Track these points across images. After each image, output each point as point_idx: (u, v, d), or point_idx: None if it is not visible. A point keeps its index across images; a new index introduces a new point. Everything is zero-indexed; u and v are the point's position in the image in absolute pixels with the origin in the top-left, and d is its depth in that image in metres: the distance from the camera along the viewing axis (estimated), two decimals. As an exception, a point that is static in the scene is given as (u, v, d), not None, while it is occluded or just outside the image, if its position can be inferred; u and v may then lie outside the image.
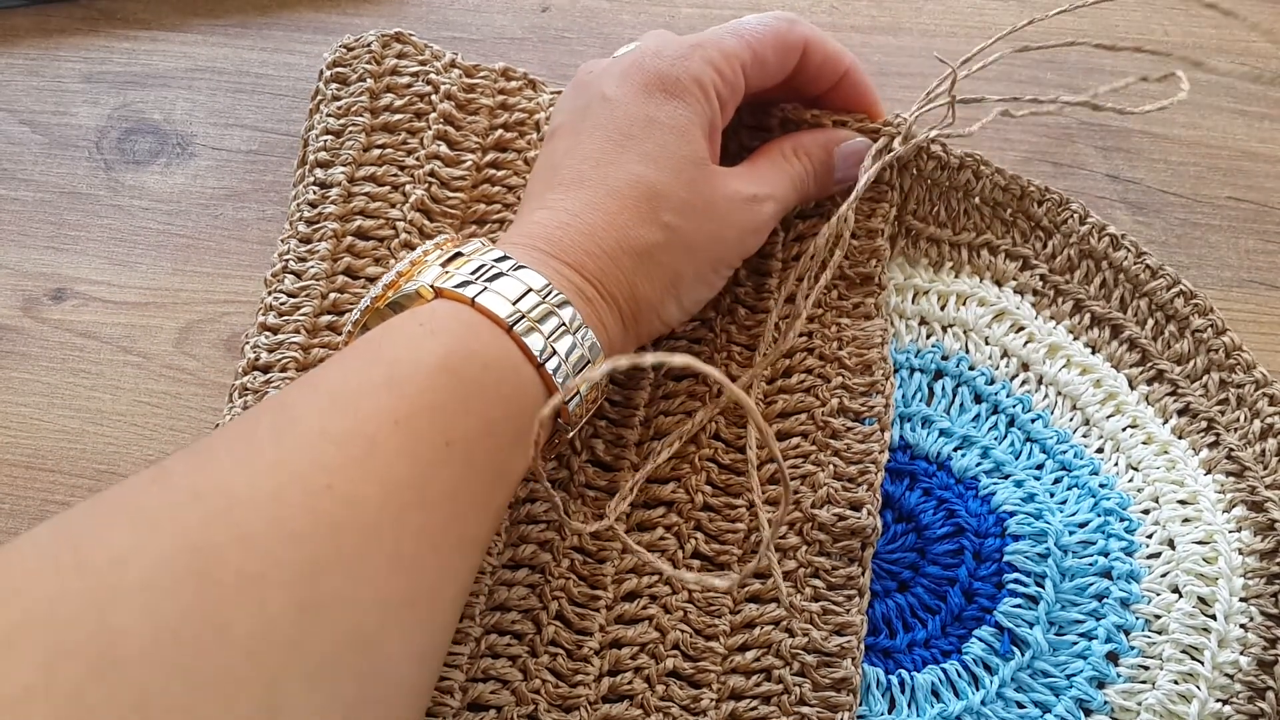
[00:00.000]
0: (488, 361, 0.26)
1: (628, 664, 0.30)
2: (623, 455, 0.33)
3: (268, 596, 0.20)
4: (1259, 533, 0.32)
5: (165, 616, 0.19)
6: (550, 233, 0.29)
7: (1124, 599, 0.32)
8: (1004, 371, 0.35)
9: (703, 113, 0.31)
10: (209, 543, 0.20)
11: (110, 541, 0.20)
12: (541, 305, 0.27)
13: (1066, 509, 0.33)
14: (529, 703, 0.30)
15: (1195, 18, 0.42)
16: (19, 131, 0.39)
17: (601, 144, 0.30)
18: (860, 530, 0.31)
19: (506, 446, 0.26)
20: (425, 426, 0.24)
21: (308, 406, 0.24)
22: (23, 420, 0.35)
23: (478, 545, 0.25)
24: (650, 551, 0.31)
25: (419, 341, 0.25)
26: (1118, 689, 0.31)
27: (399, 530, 0.22)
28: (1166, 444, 0.34)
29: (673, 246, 0.30)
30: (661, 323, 0.32)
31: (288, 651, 0.20)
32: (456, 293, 0.27)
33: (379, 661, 0.21)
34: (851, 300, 0.35)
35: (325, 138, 0.36)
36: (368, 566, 0.22)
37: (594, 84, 0.32)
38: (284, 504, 0.21)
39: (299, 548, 0.21)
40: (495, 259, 0.28)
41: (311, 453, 0.22)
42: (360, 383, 0.24)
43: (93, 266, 0.37)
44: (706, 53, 0.31)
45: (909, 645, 0.32)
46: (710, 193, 0.31)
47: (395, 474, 0.23)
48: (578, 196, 0.30)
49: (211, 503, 0.21)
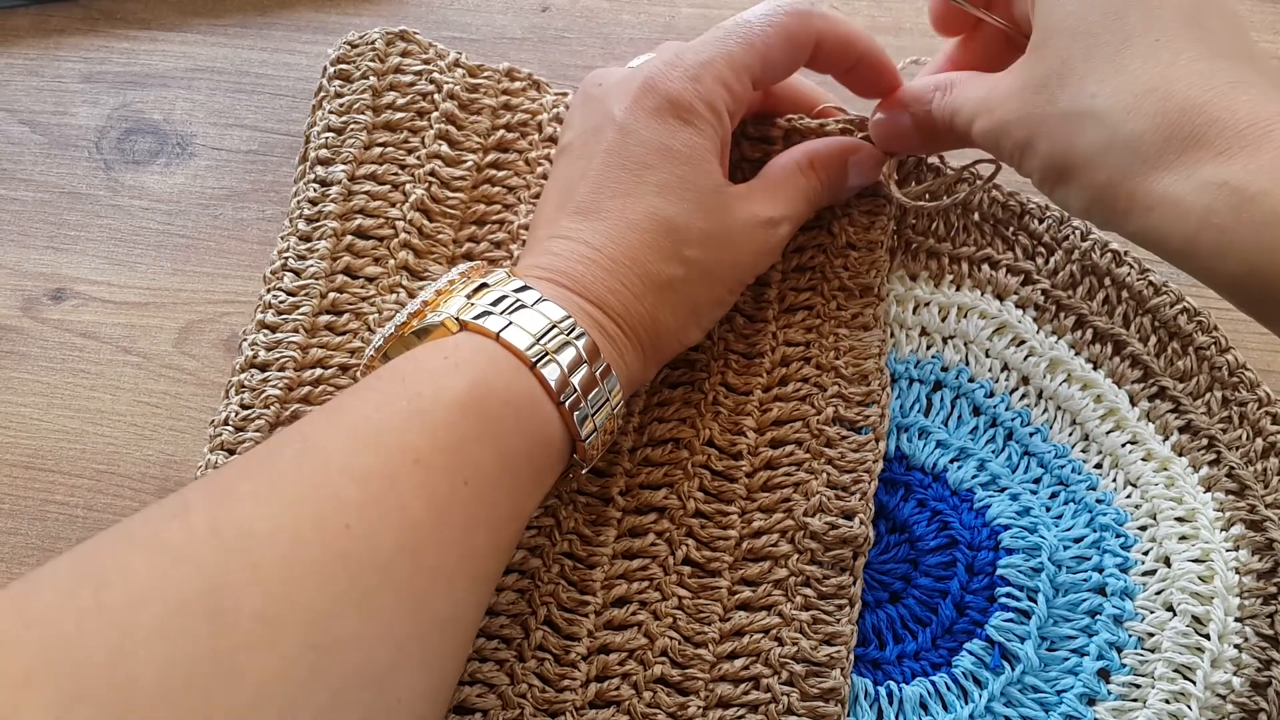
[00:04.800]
0: (508, 398, 0.28)
1: (615, 670, 0.32)
2: (615, 461, 0.35)
3: (281, 638, 0.21)
4: (1256, 552, 0.34)
5: (180, 660, 0.20)
6: (572, 267, 0.31)
7: (1117, 616, 0.34)
8: (1004, 385, 0.37)
9: (715, 135, 0.33)
10: (226, 583, 0.21)
11: (130, 580, 0.21)
12: (563, 340, 0.29)
13: (1062, 524, 0.35)
14: (515, 707, 0.32)
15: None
16: (19, 131, 0.42)
17: (617, 173, 0.32)
18: (852, 539, 0.33)
19: (522, 483, 0.28)
20: (445, 464, 0.25)
21: (331, 440, 0.25)
22: (23, 420, 0.37)
23: (490, 580, 0.27)
24: (641, 558, 0.34)
25: (443, 376, 0.27)
26: (1108, 706, 0.33)
27: (414, 568, 0.24)
28: (1166, 461, 0.35)
29: (692, 279, 0.32)
30: (680, 345, 0.34)
31: (299, 691, 0.21)
32: (481, 326, 0.29)
33: (388, 698, 0.23)
34: (850, 310, 0.37)
35: (327, 135, 0.38)
36: (380, 605, 0.23)
37: (605, 102, 0.33)
38: (302, 544, 0.23)
39: (315, 588, 0.22)
40: (517, 289, 0.30)
41: (331, 490, 0.24)
42: (384, 417, 0.26)
43: (92, 266, 0.40)
44: (717, 70, 0.33)
45: (898, 657, 0.34)
46: (728, 220, 0.33)
47: (413, 513, 0.24)
48: (597, 229, 0.32)
49: (230, 541, 0.22)
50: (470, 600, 0.26)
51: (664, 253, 0.32)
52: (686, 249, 0.32)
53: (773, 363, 0.36)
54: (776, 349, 0.36)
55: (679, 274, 0.32)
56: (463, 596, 0.26)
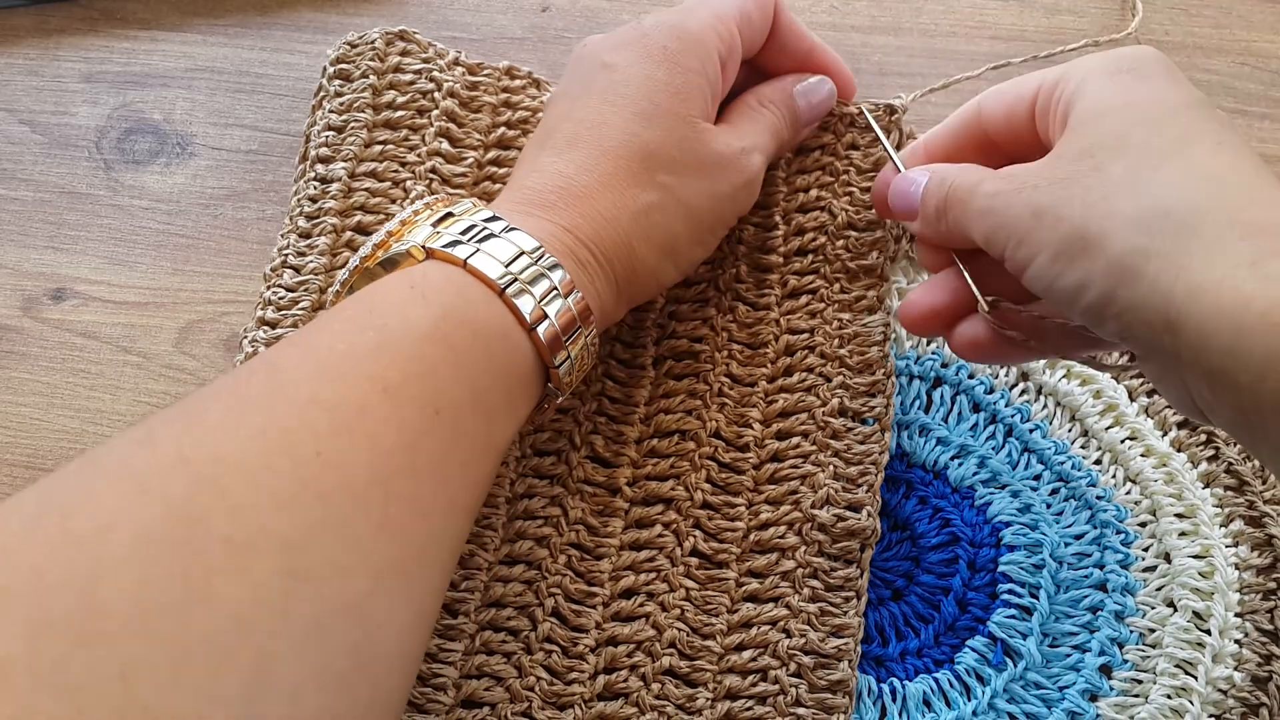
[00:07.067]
0: (478, 327, 0.28)
1: (623, 662, 0.33)
2: (622, 452, 0.36)
3: (255, 564, 0.21)
4: (1256, 547, 0.35)
5: (151, 586, 0.20)
6: (544, 195, 0.31)
7: (1119, 612, 0.35)
8: (1003, 380, 0.38)
9: (703, 74, 0.34)
10: (196, 510, 0.21)
11: (97, 508, 0.21)
12: (533, 268, 0.29)
13: (1063, 520, 0.36)
14: (523, 700, 0.32)
15: (1195, 18, 0.45)
16: (19, 131, 0.43)
17: (598, 106, 0.33)
18: (859, 532, 0.34)
19: (495, 413, 0.28)
20: (415, 394, 0.26)
21: (298, 370, 0.25)
22: (23, 420, 0.38)
23: (466, 511, 0.28)
24: (649, 549, 0.34)
25: (410, 306, 0.27)
26: (1110, 702, 0.34)
27: (387, 497, 0.24)
28: (1166, 456, 0.36)
29: (668, 206, 0.33)
30: (657, 284, 0.34)
31: (276, 619, 0.21)
32: (449, 254, 0.29)
33: (368, 628, 0.23)
34: (853, 293, 0.37)
35: (327, 133, 0.39)
36: (356, 533, 0.23)
37: (594, 54, 0.34)
38: (273, 471, 0.23)
39: (287, 515, 0.22)
40: (486, 219, 0.30)
41: (301, 419, 0.24)
42: (351, 347, 0.26)
43: (93, 266, 0.40)
44: (702, 16, 0.34)
45: (901, 654, 0.35)
46: (702, 150, 0.33)
47: (384, 442, 0.24)
48: (571, 158, 0.32)
49: (199, 468, 0.22)
50: (447, 530, 0.26)
51: (638, 177, 0.32)
52: (661, 173, 0.32)
53: (776, 352, 0.37)
54: (780, 338, 0.37)
55: (654, 199, 0.32)
56: (439, 526, 0.26)
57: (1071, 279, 0.26)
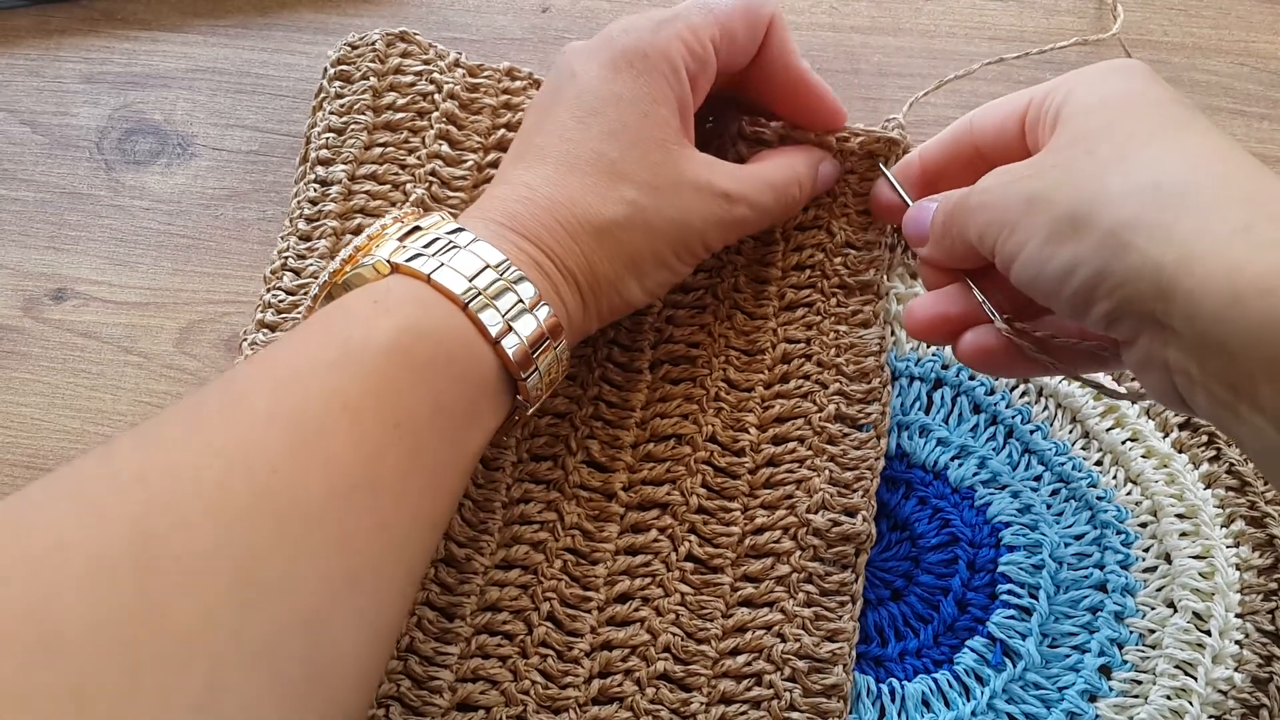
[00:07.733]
0: (440, 339, 0.28)
1: (618, 666, 0.33)
2: (618, 457, 0.36)
3: (208, 582, 0.22)
4: (1257, 548, 0.35)
5: (105, 604, 0.20)
6: (509, 207, 0.32)
7: (1119, 612, 0.35)
8: (1004, 382, 0.38)
9: (669, 90, 0.34)
10: (151, 528, 0.22)
11: (53, 527, 0.21)
12: (498, 281, 0.29)
13: (1063, 521, 0.36)
14: (518, 704, 0.33)
15: (1195, 18, 0.45)
16: (19, 132, 0.43)
17: (565, 120, 0.33)
18: (854, 536, 0.34)
19: (460, 425, 0.28)
20: (374, 408, 0.26)
21: (257, 387, 0.26)
22: (23, 420, 0.38)
23: (432, 525, 0.28)
24: (644, 554, 0.35)
25: (372, 320, 0.27)
26: (1110, 703, 0.34)
27: (344, 512, 0.24)
28: (1166, 457, 0.37)
29: (633, 224, 0.33)
30: (623, 300, 0.34)
31: (228, 636, 0.21)
32: (412, 268, 0.29)
33: (324, 642, 0.23)
34: (850, 307, 0.38)
35: (327, 135, 0.40)
36: (311, 548, 0.23)
37: (568, 61, 0.35)
38: (227, 489, 0.23)
39: (241, 532, 0.23)
40: (450, 232, 0.30)
41: (258, 436, 0.24)
42: (310, 363, 0.26)
43: (93, 266, 0.41)
44: (674, 27, 0.34)
45: (900, 654, 0.35)
46: (675, 175, 0.33)
47: (342, 458, 0.25)
48: (538, 171, 0.32)
49: (155, 486, 0.23)
50: (410, 544, 0.27)
51: (602, 193, 0.32)
52: (625, 190, 0.32)
53: (774, 359, 0.37)
54: (777, 345, 0.37)
55: (618, 215, 0.32)
56: (400, 540, 0.26)
57: (1061, 261, 0.26)
